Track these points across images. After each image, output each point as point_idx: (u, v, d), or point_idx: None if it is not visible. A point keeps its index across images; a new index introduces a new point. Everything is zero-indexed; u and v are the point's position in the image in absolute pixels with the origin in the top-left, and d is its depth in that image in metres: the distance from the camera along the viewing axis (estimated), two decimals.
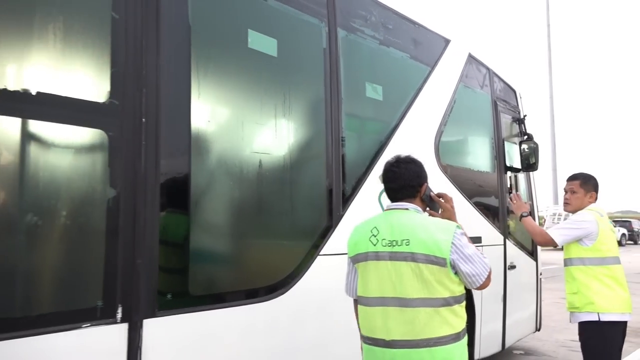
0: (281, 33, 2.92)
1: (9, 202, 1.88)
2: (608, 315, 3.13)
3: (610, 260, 3.20)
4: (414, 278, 2.04)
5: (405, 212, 2.18)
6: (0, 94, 1.83)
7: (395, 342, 2.04)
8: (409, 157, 2.32)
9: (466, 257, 2.04)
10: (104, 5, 2.15)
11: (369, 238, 2.16)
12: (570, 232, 3.25)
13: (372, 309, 2.13)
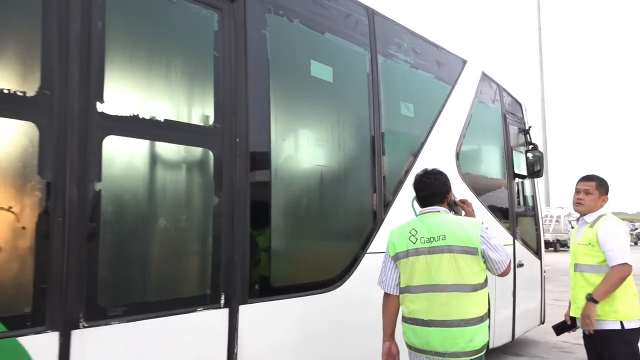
0: (335, 61, 3.40)
1: (146, 212, 2.34)
2: (631, 323, 3.05)
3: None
4: (450, 267, 2.47)
5: (437, 214, 2.63)
6: (139, 123, 2.29)
7: (432, 321, 2.47)
8: (436, 169, 2.78)
9: (493, 246, 2.49)
10: (209, 46, 2.61)
11: (408, 238, 2.58)
12: (627, 245, 3.09)
13: (415, 295, 2.55)
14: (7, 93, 1.90)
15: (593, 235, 3.13)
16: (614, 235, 3.07)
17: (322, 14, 3.35)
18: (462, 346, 2.43)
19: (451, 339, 2.44)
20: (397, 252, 2.61)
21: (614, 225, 3.11)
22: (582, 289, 3.16)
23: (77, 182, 2.04)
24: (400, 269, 2.63)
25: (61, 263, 1.98)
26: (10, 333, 1.84)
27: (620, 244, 3.05)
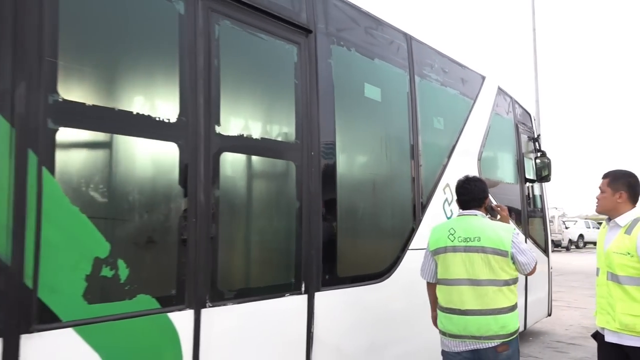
0: (382, 83, 3.92)
1: (249, 213, 2.85)
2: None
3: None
4: (483, 265, 2.87)
5: (475, 217, 3.04)
6: (244, 141, 2.79)
7: (469, 311, 2.86)
8: (476, 177, 3.24)
9: (522, 250, 2.89)
10: (291, 75, 3.12)
11: (447, 236, 3.00)
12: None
13: (451, 287, 2.96)
14: (158, 120, 2.40)
15: (632, 244, 2.76)
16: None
17: (372, 42, 3.87)
18: (496, 331, 2.82)
19: (486, 325, 2.81)
20: (437, 247, 3.02)
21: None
22: (620, 301, 2.79)
23: (204, 189, 2.54)
24: (438, 263, 3.05)
25: (195, 256, 2.48)
26: (163, 309, 2.35)
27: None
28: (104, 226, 2.16)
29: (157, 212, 2.39)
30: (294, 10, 3.19)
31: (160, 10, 2.49)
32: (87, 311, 2.08)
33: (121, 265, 2.19)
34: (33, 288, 1.92)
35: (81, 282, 2.07)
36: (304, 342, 3.05)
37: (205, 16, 2.64)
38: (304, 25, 3.22)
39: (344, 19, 3.63)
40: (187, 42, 2.55)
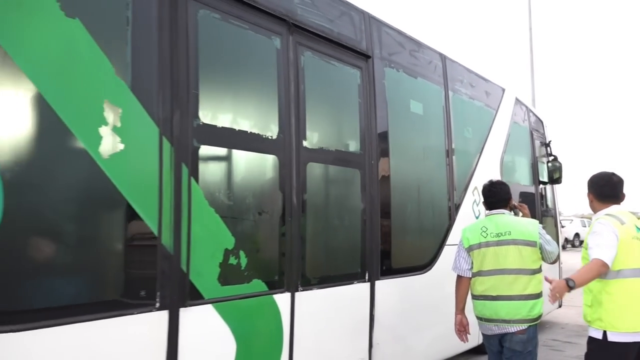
0: (423, 98, 4.47)
1: (326, 213, 3.39)
2: (616, 335, 2.86)
3: (626, 272, 2.87)
4: (515, 255, 3.32)
5: (503, 215, 3.52)
6: (324, 153, 3.33)
7: (500, 296, 3.30)
8: (500, 181, 3.75)
9: (548, 241, 3.38)
10: (355, 94, 3.66)
11: (480, 234, 3.47)
12: (605, 244, 2.86)
13: (485, 277, 3.42)
14: (265, 137, 2.94)
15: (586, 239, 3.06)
16: (591, 234, 2.98)
17: (415, 62, 4.42)
18: (524, 315, 3.19)
19: (515, 309, 3.20)
20: (471, 244, 3.46)
21: (593, 224, 3.03)
22: (584, 293, 3.07)
23: (296, 193, 3.09)
24: (473, 258, 3.49)
25: (290, 249, 3.03)
26: (270, 292, 2.89)
27: (595, 240, 2.91)
28: (230, 224, 2.70)
29: (264, 212, 2.93)
30: (357, 39, 3.73)
31: (264, 47, 3.02)
32: (220, 291, 2.62)
33: (242, 256, 2.73)
34: (187, 272, 2.46)
35: (216, 269, 2.61)
36: (367, 322, 3.61)
37: (294, 49, 3.18)
38: (364, 52, 3.76)
39: (393, 44, 4.17)
40: (282, 72, 3.09)
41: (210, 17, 2.70)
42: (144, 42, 2.40)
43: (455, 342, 3.66)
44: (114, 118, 2.22)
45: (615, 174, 3.17)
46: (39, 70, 2.03)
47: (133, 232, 2.31)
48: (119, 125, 2.24)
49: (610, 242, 2.86)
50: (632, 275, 2.87)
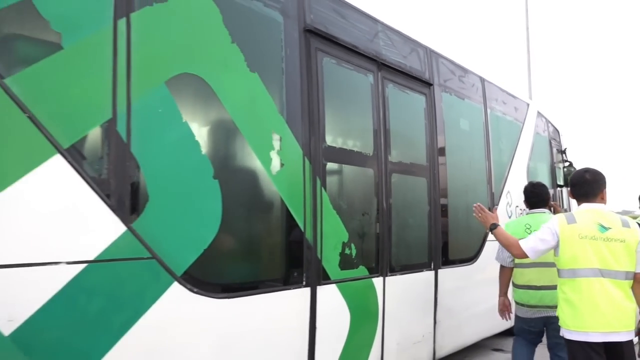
0: (469, 117, 5.28)
1: (402, 215, 4.19)
2: (570, 334, 2.92)
3: (580, 272, 2.88)
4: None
5: (543, 214, 4.33)
6: (400, 166, 4.13)
7: (544, 286, 3.90)
8: (540, 182, 4.53)
9: None
10: (422, 118, 4.46)
11: (524, 230, 4.09)
12: (536, 242, 3.03)
13: (528, 269, 4.05)
14: (365, 155, 3.74)
15: None
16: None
17: (462, 86, 5.23)
18: None
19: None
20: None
21: None
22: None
23: (385, 197, 3.88)
24: None
25: (382, 242, 3.83)
26: (370, 276, 3.69)
27: (535, 234, 3.14)
28: (345, 223, 3.49)
29: (366, 213, 3.73)
30: (423, 70, 4.53)
31: (362, 82, 3.82)
32: (340, 275, 3.42)
33: (353, 248, 3.53)
34: (320, 260, 3.26)
35: (337, 257, 3.41)
36: (432, 303, 4.42)
37: (382, 83, 3.98)
38: (428, 80, 4.56)
39: (447, 72, 4.98)
40: (374, 102, 3.89)
41: (330, 62, 3.50)
42: (292, 86, 3.19)
43: (495, 321, 4.47)
44: (278, 144, 3.02)
45: (590, 172, 3.12)
46: (237, 110, 2.82)
47: (290, 228, 3.11)
48: (280, 149, 3.03)
49: (542, 237, 3.00)
50: (583, 274, 2.87)
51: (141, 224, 2.31)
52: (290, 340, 3.08)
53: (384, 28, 4.12)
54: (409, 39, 4.44)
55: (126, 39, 2.31)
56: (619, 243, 2.88)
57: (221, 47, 2.77)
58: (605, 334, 2.83)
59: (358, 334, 3.57)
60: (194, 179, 2.58)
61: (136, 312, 2.29)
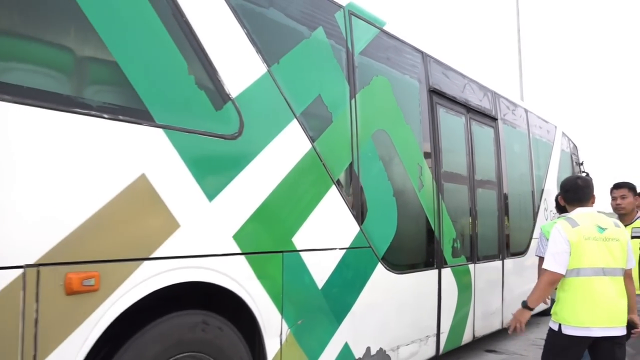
0: (519, 142, 6.75)
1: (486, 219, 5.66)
2: (569, 329, 3.06)
3: (583, 271, 3.04)
4: None
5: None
6: (479, 182, 5.60)
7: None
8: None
9: None
10: (491, 145, 5.93)
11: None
12: (556, 252, 3.09)
13: None
14: (462, 175, 5.19)
15: None
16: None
17: (514, 118, 6.72)
18: None
19: None
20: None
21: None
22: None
23: (474, 206, 5.33)
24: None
25: (474, 239, 5.28)
26: (467, 263, 5.14)
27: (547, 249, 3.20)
28: (453, 224, 4.93)
29: (463, 217, 5.19)
30: (491, 109, 6.00)
31: (457, 123, 5.27)
32: (451, 261, 4.86)
33: (457, 242, 4.98)
34: (442, 250, 4.70)
35: (450, 248, 4.85)
36: (500, 286, 5.88)
37: (469, 122, 5.43)
38: (494, 116, 6.03)
39: (504, 107, 6.45)
40: (466, 136, 5.34)
41: (443, 111, 4.95)
42: (425, 130, 4.63)
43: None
44: (420, 171, 4.46)
45: (581, 178, 3.40)
46: (401, 150, 4.26)
47: (428, 229, 4.55)
48: (421, 174, 4.48)
49: (561, 248, 3.05)
50: (586, 274, 3.03)
51: (365, 226, 3.74)
52: (430, 302, 4.53)
53: (468, 80, 5.58)
54: (482, 86, 5.91)
55: (355, 111, 3.74)
56: (615, 242, 3.09)
57: (392, 109, 4.22)
58: (604, 329, 3.00)
59: (461, 303, 5.01)
60: (385, 197, 4.02)
61: (365, 278, 3.73)
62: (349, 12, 3.83)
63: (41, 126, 2.01)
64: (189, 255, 2.52)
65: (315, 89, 3.43)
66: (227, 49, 2.83)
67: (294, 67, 3.26)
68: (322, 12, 3.59)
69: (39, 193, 1.99)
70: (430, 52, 4.85)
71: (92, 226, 2.13)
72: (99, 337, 2.14)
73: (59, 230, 2.04)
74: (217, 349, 2.62)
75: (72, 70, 2.23)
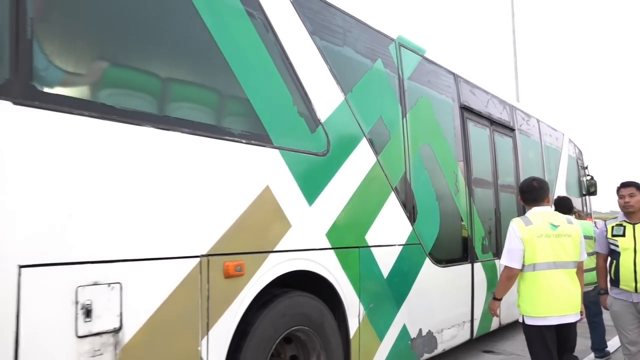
0: (533, 150, 7.44)
1: (506, 219, 6.34)
2: (529, 319, 3.33)
3: (538, 266, 3.28)
4: None
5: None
6: (502, 187, 6.28)
7: None
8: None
9: None
10: (510, 153, 6.61)
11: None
12: (511, 249, 3.37)
13: None
14: (488, 181, 5.87)
15: None
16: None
17: (528, 127, 7.41)
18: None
19: None
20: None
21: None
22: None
23: (498, 208, 6.00)
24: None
25: (499, 237, 5.95)
26: (493, 258, 5.80)
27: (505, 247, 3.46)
28: (482, 224, 5.60)
29: (489, 218, 5.86)
30: (509, 120, 6.68)
31: (483, 135, 5.95)
32: (481, 257, 5.52)
33: (486, 240, 5.65)
34: (474, 247, 5.37)
35: (480, 245, 5.52)
36: None
37: (493, 134, 6.11)
38: (512, 127, 6.72)
39: (520, 119, 7.14)
40: (490, 146, 6.02)
41: (471, 125, 5.63)
42: (458, 142, 5.31)
43: None
44: (456, 177, 5.13)
45: (536, 180, 3.66)
46: (441, 160, 4.93)
47: (464, 228, 5.22)
48: (456, 181, 5.15)
49: (515, 246, 3.33)
50: (541, 268, 3.30)
51: (416, 226, 4.40)
52: (465, 292, 5.20)
53: (490, 96, 6.27)
54: (502, 100, 6.59)
55: (406, 128, 4.41)
56: (567, 237, 3.36)
57: (433, 125, 4.89)
58: (560, 317, 3.29)
59: (490, 294, 5.67)
60: (430, 201, 4.69)
61: (417, 270, 4.39)
62: (399, 44, 4.51)
63: (206, 152, 2.67)
64: (298, 249, 3.18)
65: (378, 111, 4.10)
66: (317, 82, 3.50)
67: (362, 94, 3.93)
68: (380, 45, 4.26)
69: (205, 203, 2.65)
70: (460, 73, 5.54)
71: (237, 226, 2.79)
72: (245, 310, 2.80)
73: (219, 230, 2.70)
74: (318, 326, 3.28)
75: (223, 107, 2.90)
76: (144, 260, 2.33)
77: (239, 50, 2.94)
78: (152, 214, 2.39)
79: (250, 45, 3.03)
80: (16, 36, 1.96)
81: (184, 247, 2.51)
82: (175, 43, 2.63)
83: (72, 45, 2.22)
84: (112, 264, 2.20)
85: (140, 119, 2.37)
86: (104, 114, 2.23)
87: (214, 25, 2.80)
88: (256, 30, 3.07)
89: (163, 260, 2.41)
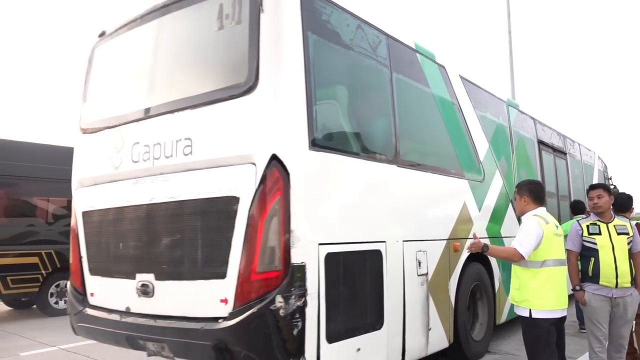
0: (577, 168, 9.74)
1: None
2: (538, 313, 3.43)
3: (549, 262, 3.47)
4: None
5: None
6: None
7: None
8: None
9: None
10: (536, 155, 8.92)
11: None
12: (527, 242, 3.45)
13: None
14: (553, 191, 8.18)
15: None
16: (521, 230, 3.63)
17: (573, 151, 9.72)
18: None
19: None
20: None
21: (524, 223, 3.67)
22: (512, 278, 3.75)
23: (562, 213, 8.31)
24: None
25: None
26: None
27: (521, 236, 3.56)
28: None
29: None
30: (562, 146, 8.97)
31: (531, 147, 8.26)
32: None
33: None
34: None
35: None
36: None
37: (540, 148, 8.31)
38: (565, 151, 9.03)
39: (569, 144, 9.43)
40: (537, 158, 8.33)
41: (544, 154, 7.93)
42: (537, 166, 7.61)
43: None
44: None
45: (540, 183, 4.06)
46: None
47: None
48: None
49: (533, 241, 3.45)
50: (554, 264, 3.50)
51: None
52: None
53: (552, 130, 8.53)
54: (558, 132, 8.88)
55: (514, 161, 6.72)
56: (561, 237, 3.66)
57: (526, 155, 7.20)
58: (562, 311, 3.51)
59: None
60: None
61: None
62: (507, 104, 6.85)
63: (442, 183, 5.00)
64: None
65: (502, 151, 6.43)
66: (477, 137, 5.81)
67: (495, 141, 6.25)
68: (499, 107, 6.61)
69: (446, 210, 4.99)
70: (537, 117, 7.85)
71: (457, 223, 5.11)
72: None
73: (451, 225, 5.03)
74: (485, 283, 5.61)
75: (448, 158, 5.25)
76: (432, 240, 4.68)
77: (451, 123, 5.29)
78: (431, 218, 4.73)
79: (454, 118, 5.37)
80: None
81: (443, 234, 4.87)
82: (432, 127, 4.98)
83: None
84: (425, 242, 4.55)
85: (426, 169, 4.70)
86: (415, 167, 4.57)
87: (444, 112, 5.15)
88: (456, 111, 5.41)
89: (438, 240, 4.77)
